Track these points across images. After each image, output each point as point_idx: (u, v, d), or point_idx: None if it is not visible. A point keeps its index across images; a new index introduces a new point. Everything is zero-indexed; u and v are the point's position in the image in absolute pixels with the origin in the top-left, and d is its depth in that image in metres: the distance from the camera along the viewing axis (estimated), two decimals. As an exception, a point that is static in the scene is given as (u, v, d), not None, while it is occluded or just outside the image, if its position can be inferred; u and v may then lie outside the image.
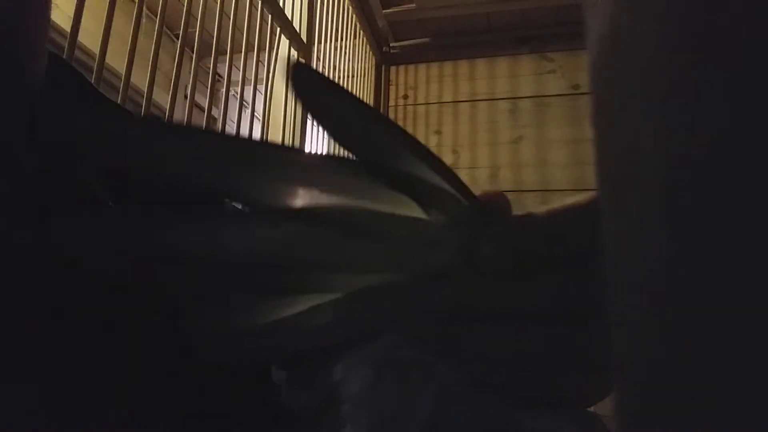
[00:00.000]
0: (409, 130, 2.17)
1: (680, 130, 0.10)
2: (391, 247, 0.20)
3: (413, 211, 0.19)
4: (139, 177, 0.18)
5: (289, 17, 1.41)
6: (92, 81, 0.74)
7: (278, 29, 1.37)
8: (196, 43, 1.05)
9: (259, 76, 1.44)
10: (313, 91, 0.19)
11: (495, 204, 0.21)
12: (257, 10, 1.25)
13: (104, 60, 0.80)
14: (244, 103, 1.26)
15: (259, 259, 0.20)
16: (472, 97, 2.15)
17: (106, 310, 0.26)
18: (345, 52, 1.86)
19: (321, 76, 0.20)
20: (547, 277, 0.19)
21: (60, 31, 0.84)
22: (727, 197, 0.09)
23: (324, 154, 0.20)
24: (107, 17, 0.81)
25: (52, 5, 0.29)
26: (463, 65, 2.19)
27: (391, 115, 2.22)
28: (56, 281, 0.25)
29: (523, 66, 2.13)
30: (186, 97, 1.01)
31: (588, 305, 0.17)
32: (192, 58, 1.06)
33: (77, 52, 0.76)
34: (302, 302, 0.21)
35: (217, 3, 1.10)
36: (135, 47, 0.87)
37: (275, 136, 1.38)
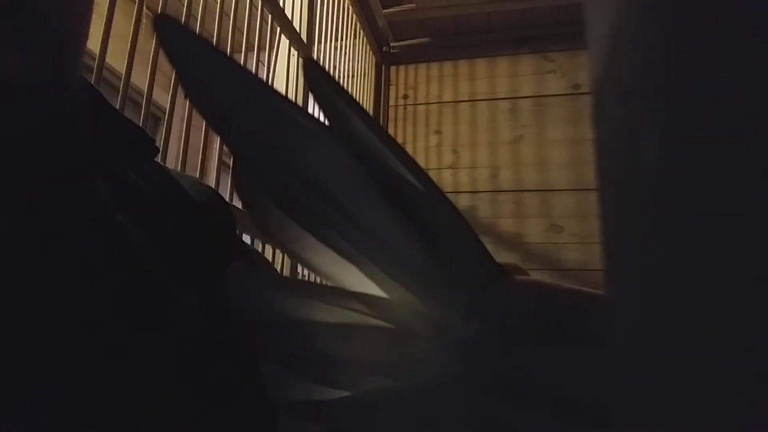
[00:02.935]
0: (409, 130, 2.18)
1: (680, 130, 0.10)
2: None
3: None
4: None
5: (289, 17, 1.41)
6: (92, 81, 0.74)
7: (278, 29, 1.37)
8: (196, 43, 1.05)
9: (259, 76, 1.44)
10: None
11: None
12: (257, 10, 1.25)
13: (104, 60, 0.80)
14: (244, 103, 1.25)
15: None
16: (472, 97, 2.15)
17: (105, 307, 0.26)
18: (345, 52, 1.86)
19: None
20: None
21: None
22: (725, 197, 0.09)
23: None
24: (107, 17, 0.81)
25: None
26: (463, 65, 2.19)
27: (391, 115, 2.22)
28: (57, 276, 0.25)
29: (523, 66, 2.13)
30: (186, 97, 1.01)
31: (589, 394, 0.17)
32: (192, 58, 1.06)
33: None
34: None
35: (217, 3, 1.10)
36: (135, 47, 0.87)
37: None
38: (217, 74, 0.22)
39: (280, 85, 1.40)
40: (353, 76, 1.93)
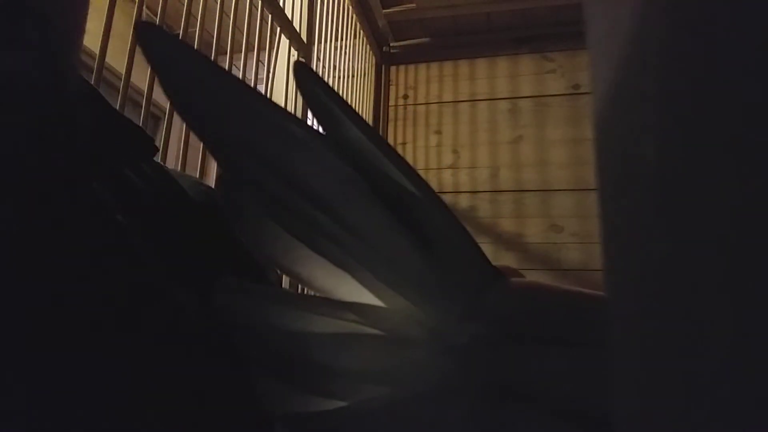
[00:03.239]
0: (409, 130, 2.18)
1: (681, 130, 0.10)
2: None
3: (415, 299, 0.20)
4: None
5: (289, 17, 1.41)
6: (92, 81, 0.74)
7: (278, 29, 1.37)
8: (196, 43, 1.05)
9: (259, 76, 1.44)
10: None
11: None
12: (257, 10, 1.25)
13: (104, 60, 0.80)
14: (244, 103, 1.25)
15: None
16: (472, 97, 2.15)
17: (104, 304, 0.26)
18: (345, 52, 1.86)
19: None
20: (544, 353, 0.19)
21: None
22: (725, 197, 0.09)
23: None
24: (107, 17, 0.81)
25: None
26: (463, 65, 2.19)
27: (391, 115, 2.22)
28: (57, 276, 0.25)
29: (523, 66, 2.13)
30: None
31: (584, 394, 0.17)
32: (192, 58, 1.05)
33: (77, 52, 0.76)
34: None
35: (217, 3, 1.10)
36: (135, 47, 0.87)
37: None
38: (202, 82, 0.21)
39: (280, 85, 1.40)
40: (353, 76, 1.93)
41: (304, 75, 0.20)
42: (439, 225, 0.21)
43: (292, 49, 1.44)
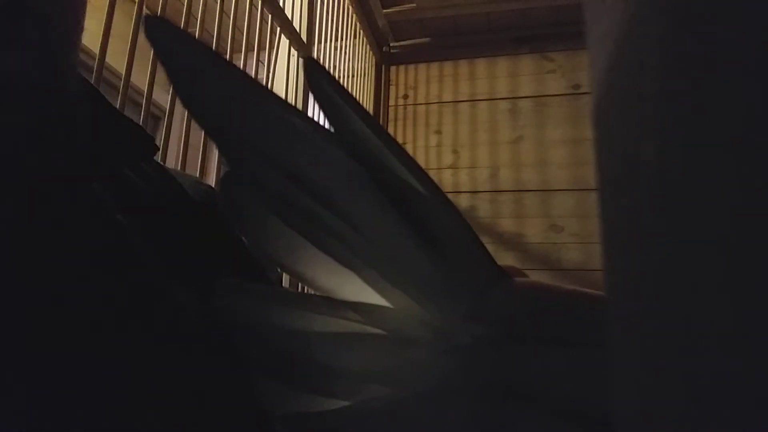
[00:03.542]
0: (409, 129, 2.18)
1: (680, 131, 0.10)
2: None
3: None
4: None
5: (289, 17, 1.41)
6: (92, 81, 0.74)
7: (278, 29, 1.37)
8: (196, 43, 1.05)
9: (259, 76, 1.44)
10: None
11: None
12: (257, 10, 1.25)
13: (104, 60, 0.80)
14: (244, 103, 1.25)
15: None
16: (472, 97, 2.15)
17: (103, 303, 0.26)
18: (345, 52, 1.86)
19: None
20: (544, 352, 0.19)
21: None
22: (725, 197, 0.09)
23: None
24: (107, 17, 0.81)
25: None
26: (463, 65, 2.19)
27: (391, 115, 2.22)
28: (57, 276, 0.25)
29: (523, 66, 2.13)
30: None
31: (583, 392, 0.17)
32: (192, 58, 1.05)
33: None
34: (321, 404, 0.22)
35: (217, 3, 1.10)
36: (135, 47, 0.87)
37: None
38: (209, 75, 0.21)
39: (280, 85, 1.40)
40: (353, 76, 1.93)
41: (314, 70, 0.20)
42: (444, 223, 0.21)
43: (292, 49, 1.44)
